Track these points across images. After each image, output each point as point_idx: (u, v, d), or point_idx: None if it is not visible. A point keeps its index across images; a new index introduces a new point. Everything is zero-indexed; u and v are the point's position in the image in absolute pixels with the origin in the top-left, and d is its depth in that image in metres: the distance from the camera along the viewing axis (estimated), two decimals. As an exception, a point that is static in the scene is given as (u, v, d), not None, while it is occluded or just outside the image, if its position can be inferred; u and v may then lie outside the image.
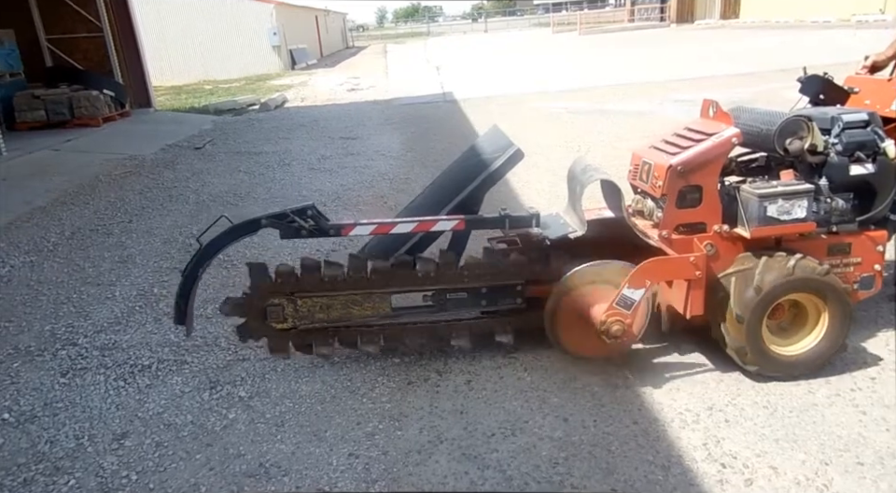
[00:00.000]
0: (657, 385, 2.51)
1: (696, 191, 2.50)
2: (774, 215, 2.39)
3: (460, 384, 2.62)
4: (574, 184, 2.72)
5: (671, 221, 2.53)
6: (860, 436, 2.14)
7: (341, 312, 2.68)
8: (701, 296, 2.46)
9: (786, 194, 2.39)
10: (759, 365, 2.45)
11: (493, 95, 11.68)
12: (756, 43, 17.94)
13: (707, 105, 2.66)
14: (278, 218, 2.56)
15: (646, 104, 9.32)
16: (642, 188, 2.67)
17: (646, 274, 2.41)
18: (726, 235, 2.50)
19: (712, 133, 2.49)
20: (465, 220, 2.68)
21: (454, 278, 2.68)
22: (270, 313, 2.65)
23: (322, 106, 12.15)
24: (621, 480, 2.02)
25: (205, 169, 7.14)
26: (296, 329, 2.69)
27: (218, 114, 11.82)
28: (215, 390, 2.67)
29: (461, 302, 2.73)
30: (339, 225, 2.63)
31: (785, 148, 2.51)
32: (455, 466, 2.14)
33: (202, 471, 2.18)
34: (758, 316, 2.37)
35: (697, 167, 2.46)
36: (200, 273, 2.58)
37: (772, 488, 1.94)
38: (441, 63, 20.63)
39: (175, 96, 15.64)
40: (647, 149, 2.69)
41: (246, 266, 2.71)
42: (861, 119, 2.54)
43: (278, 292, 2.64)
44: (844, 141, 2.52)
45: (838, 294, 2.40)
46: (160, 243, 4.65)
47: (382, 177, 6.26)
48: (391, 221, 2.69)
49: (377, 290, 2.68)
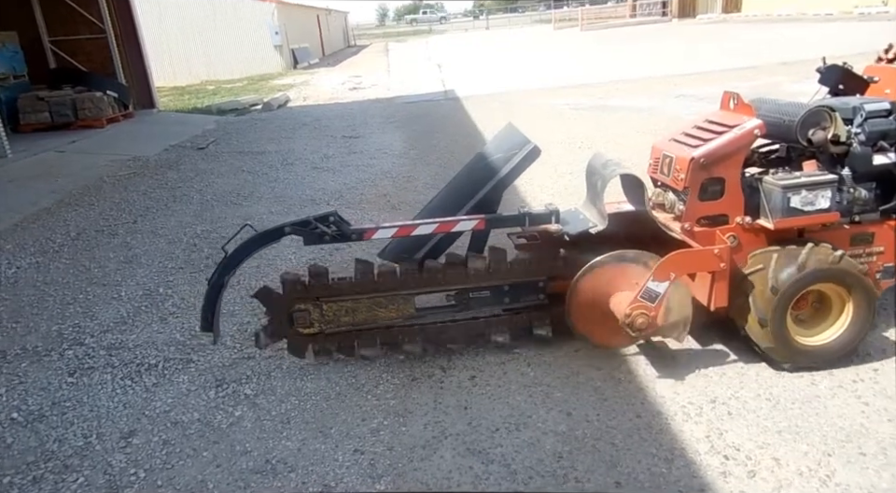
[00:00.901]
0: (660, 378, 2.52)
1: (719, 184, 2.50)
2: (797, 206, 2.40)
3: (464, 380, 2.63)
4: (595, 178, 2.71)
5: (693, 214, 2.54)
6: (862, 427, 2.15)
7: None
8: (725, 288, 2.46)
9: (809, 185, 2.39)
10: (791, 361, 2.46)
11: (495, 92, 11.68)
12: (758, 37, 17.88)
13: (727, 97, 2.66)
14: (302, 226, 2.59)
15: (649, 100, 9.30)
16: (663, 181, 2.67)
17: (671, 267, 2.40)
18: (748, 227, 2.50)
19: (734, 124, 2.49)
20: (485, 220, 2.69)
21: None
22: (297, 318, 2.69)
23: (324, 106, 12.17)
24: (624, 473, 2.04)
25: (209, 169, 7.17)
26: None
27: (221, 114, 11.85)
28: (221, 388, 2.70)
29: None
30: (361, 229, 2.65)
31: (808, 139, 2.50)
32: (460, 461, 2.15)
33: (209, 469, 2.20)
34: (780, 316, 2.37)
35: (720, 159, 2.46)
36: (226, 281, 2.61)
37: (774, 480, 1.95)
38: (443, 60, 20.62)
39: (178, 97, 15.68)
40: (667, 142, 2.69)
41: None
42: (884, 109, 2.54)
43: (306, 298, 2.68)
44: (867, 131, 2.51)
45: (859, 281, 2.40)
46: (164, 243, 4.68)
47: (385, 176, 6.27)
48: (412, 223, 2.71)
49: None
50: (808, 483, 1.93)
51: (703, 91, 9.42)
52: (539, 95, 10.75)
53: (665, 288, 2.39)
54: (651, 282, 2.39)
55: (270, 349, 2.88)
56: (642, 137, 6.67)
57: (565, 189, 5.22)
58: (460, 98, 11.44)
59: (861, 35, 14.86)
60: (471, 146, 7.33)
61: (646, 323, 2.40)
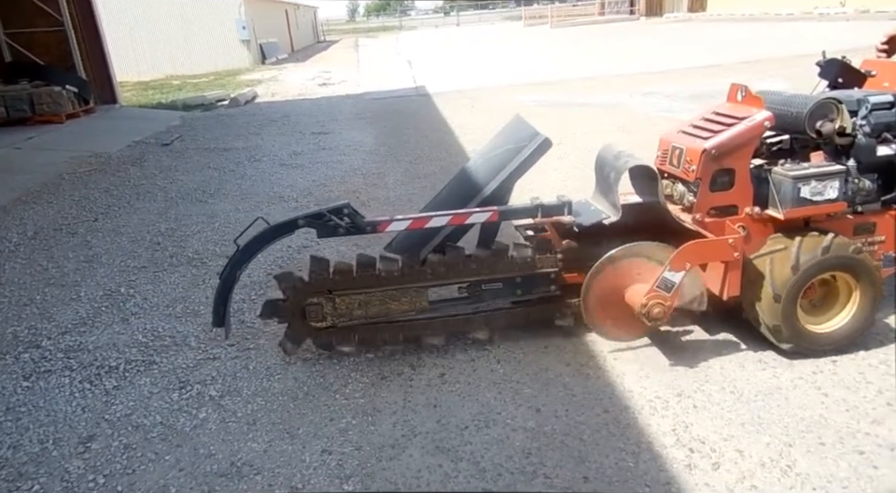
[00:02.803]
0: (628, 373, 2.55)
1: (729, 174, 2.54)
2: (807, 196, 2.45)
3: (433, 377, 2.62)
4: (607, 170, 2.70)
5: (704, 204, 2.57)
6: (821, 417, 2.20)
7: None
8: (738, 277, 2.49)
9: (819, 175, 2.45)
10: (793, 342, 2.51)
11: (465, 89, 11.68)
12: (723, 36, 18.24)
13: (735, 89, 2.70)
14: (315, 218, 2.56)
15: (616, 96, 9.41)
16: (672, 172, 2.69)
17: (687, 257, 2.42)
18: (757, 217, 2.55)
19: (743, 116, 2.53)
20: (498, 211, 2.69)
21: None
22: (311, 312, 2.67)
23: (293, 101, 12.01)
24: (592, 468, 2.05)
25: (174, 166, 7.01)
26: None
27: (187, 110, 11.59)
28: (184, 390, 2.63)
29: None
30: (375, 222, 2.63)
31: (817, 131, 2.55)
32: (429, 459, 2.14)
33: (171, 473, 2.14)
34: (794, 295, 2.43)
35: (731, 150, 2.50)
36: (238, 275, 2.57)
37: (738, 471, 1.98)
38: (414, 57, 20.53)
39: (141, 92, 15.30)
40: (676, 134, 2.72)
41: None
42: (887, 101, 2.60)
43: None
44: (871, 122, 2.56)
45: (870, 272, 2.48)
46: (127, 242, 4.55)
47: (355, 172, 6.22)
48: (426, 215, 2.70)
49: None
50: (770, 473, 1.97)
51: (669, 89, 9.57)
52: (508, 92, 10.78)
53: (680, 277, 2.42)
54: (667, 272, 2.41)
55: (236, 348, 2.82)
56: (610, 134, 6.74)
57: (541, 185, 5.23)
58: (430, 94, 11.41)
59: (822, 34, 15.28)
60: (441, 141, 7.32)
61: (662, 313, 2.43)
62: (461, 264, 2.72)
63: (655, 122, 7.35)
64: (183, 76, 19.86)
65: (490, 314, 2.80)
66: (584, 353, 2.72)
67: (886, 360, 2.50)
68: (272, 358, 2.84)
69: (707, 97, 8.63)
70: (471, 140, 7.22)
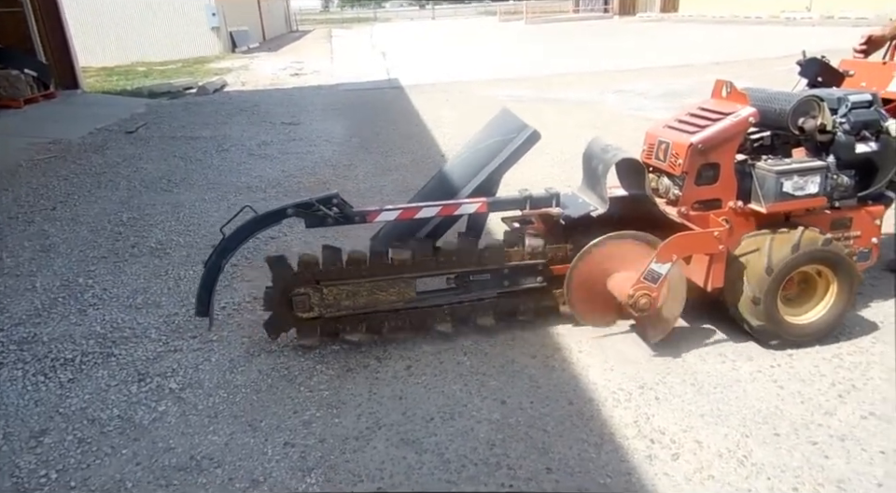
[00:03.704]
0: (593, 365, 2.57)
1: (714, 169, 2.58)
2: (789, 190, 2.52)
3: (400, 370, 2.61)
4: (595, 163, 2.72)
5: (690, 198, 2.61)
6: (777, 409, 2.25)
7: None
8: (722, 269, 2.54)
9: (801, 171, 2.52)
10: (779, 338, 2.57)
11: (438, 82, 11.63)
12: (693, 37, 18.52)
13: (720, 85, 2.74)
14: (304, 208, 2.53)
15: (588, 93, 9.48)
16: (658, 166, 2.72)
17: (673, 249, 2.46)
18: (740, 211, 2.61)
19: (728, 112, 2.57)
20: (487, 203, 2.70)
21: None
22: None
23: (264, 91, 11.80)
24: (555, 459, 2.06)
25: (138, 154, 6.83)
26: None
27: (153, 97, 11.30)
28: (144, 383, 2.57)
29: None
30: (364, 212, 2.62)
31: (800, 127, 2.61)
32: (393, 451, 2.13)
33: (128, 467, 2.09)
34: (772, 295, 2.49)
35: (717, 145, 2.54)
36: (223, 264, 2.52)
37: (696, 461, 2.02)
38: (387, 49, 20.38)
39: (105, 78, 14.85)
40: (662, 129, 2.75)
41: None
42: (866, 100, 2.67)
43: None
44: (851, 120, 2.63)
45: (845, 263, 2.55)
46: (86, 231, 4.42)
47: (325, 164, 6.14)
48: (416, 206, 2.69)
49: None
50: (727, 464, 2.01)
51: (640, 87, 9.68)
52: (482, 86, 10.77)
53: (667, 269, 2.46)
54: (653, 264, 2.45)
55: (198, 340, 2.76)
56: (583, 130, 6.79)
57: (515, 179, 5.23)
58: (404, 87, 11.34)
59: (787, 38, 15.65)
60: (413, 134, 7.29)
61: (648, 303, 2.47)
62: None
63: (626, 120, 7.44)
64: (150, 62, 19.33)
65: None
66: (550, 346, 2.74)
67: (838, 354, 2.58)
68: (235, 350, 2.79)
69: (677, 96, 8.76)
70: (444, 133, 7.20)
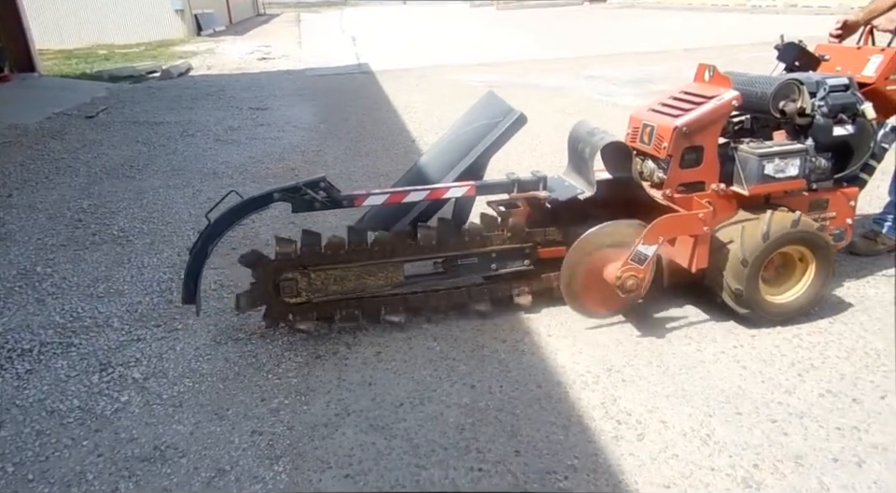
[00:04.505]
0: (562, 349, 2.60)
1: (698, 152, 2.61)
2: (770, 173, 2.56)
3: (369, 356, 2.59)
4: (582, 146, 2.72)
5: (674, 181, 2.63)
6: (739, 389, 2.31)
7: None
8: (706, 251, 2.57)
9: (782, 153, 2.57)
10: (751, 309, 2.62)
11: (410, 67, 11.52)
12: (663, 24, 18.69)
13: (702, 68, 2.76)
14: (291, 192, 2.49)
15: (560, 79, 9.50)
16: (643, 149, 2.73)
17: (660, 231, 2.48)
18: (722, 193, 2.64)
19: (712, 95, 2.60)
20: (475, 186, 2.69)
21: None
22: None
23: (230, 75, 11.53)
24: (524, 441, 2.08)
25: (98, 139, 6.62)
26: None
27: (114, 81, 10.94)
28: (105, 373, 2.50)
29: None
30: (351, 195, 2.60)
31: (781, 110, 2.65)
32: (362, 437, 2.12)
33: (89, 458, 2.04)
34: (760, 262, 2.53)
35: (701, 128, 2.56)
36: (209, 250, 2.47)
37: (661, 441, 2.06)
38: (358, 33, 20.09)
39: (64, 61, 14.32)
40: (646, 112, 2.77)
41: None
42: (843, 83, 2.72)
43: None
44: (829, 103, 2.68)
45: (827, 247, 2.62)
46: (44, 218, 4.27)
47: (293, 149, 6.04)
48: (404, 190, 2.66)
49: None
50: (691, 443, 2.05)
51: (611, 73, 9.74)
52: (454, 71, 10.70)
53: (653, 251, 2.48)
54: (640, 246, 2.47)
55: (163, 328, 2.70)
56: (555, 116, 6.81)
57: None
58: (374, 72, 11.20)
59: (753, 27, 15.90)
60: (384, 120, 7.21)
61: (636, 284, 2.49)
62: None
63: (597, 106, 7.48)
64: (111, 45, 18.70)
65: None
66: (520, 330, 2.75)
67: (798, 334, 2.65)
68: (201, 338, 2.74)
69: (646, 82, 8.84)
70: (414, 119, 7.14)
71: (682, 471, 1.93)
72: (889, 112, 2.92)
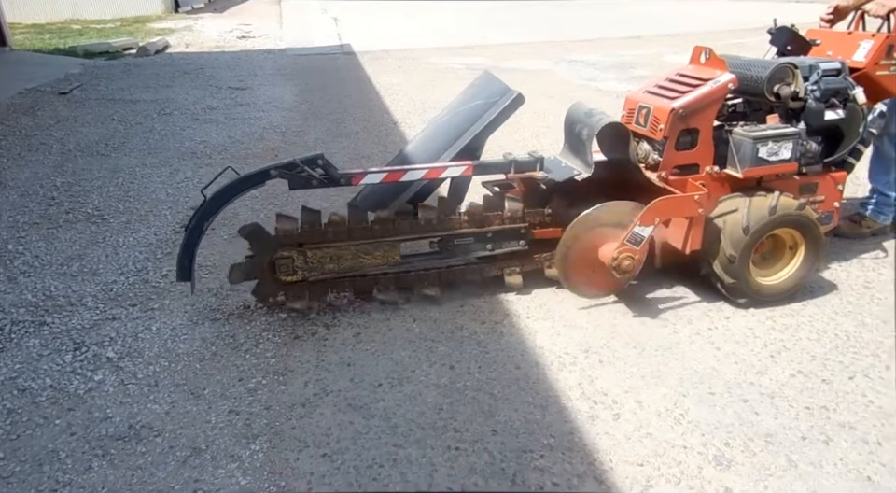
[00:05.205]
0: (541, 330, 2.62)
1: (693, 134, 2.62)
2: (764, 156, 2.59)
3: (348, 337, 2.59)
4: (579, 127, 2.71)
5: (670, 162, 2.64)
6: (713, 369, 2.35)
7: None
8: (700, 232, 2.59)
9: (776, 137, 2.59)
10: (748, 296, 2.67)
11: (392, 49, 11.38)
12: (643, 9, 18.67)
13: (698, 51, 2.78)
14: (288, 168, 2.46)
15: (541, 63, 9.46)
16: (638, 131, 2.74)
17: (656, 212, 2.49)
18: (716, 176, 2.66)
19: (708, 78, 2.61)
20: (473, 166, 2.68)
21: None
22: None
23: (209, 54, 11.28)
24: (501, 421, 2.10)
25: (72, 116, 6.45)
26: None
27: (89, 57, 10.64)
28: (79, 352, 2.47)
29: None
30: (349, 174, 2.57)
31: (776, 94, 2.67)
32: (340, 417, 2.12)
33: (61, 437, 2.01)
34: (746, 254, 2.56)
35: (697, 111, 2.58)
36: (205, 227, 2.45)
37: (636, 421, 2.09)
38: (340, 13, 19.79)
39: (36, 36, 13.90)
40: (642, 94, 2.77)
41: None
42: (835, 68, 2.74)
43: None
44: (822, 88, 2.70)
45: (814, 227, 2.65)
46: (16, 196, 4.17)
47: (273, 129, 5.95)
48: (402, 168, 2.65)
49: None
50: (665, 422, 2.09)
51: (592, 58, 9.72)
52: (435, 54, 10.61)
53: (649, 232, 2.49)
54: (637, 227, 2.48)
55: (138, 308, 2.66)
56: (536, 100, 6.79)
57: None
58: (356, 53, 11.05)
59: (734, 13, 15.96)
60: (366, 101, 7.13)
61: (632, 265, 2.51)
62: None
63: (579, 90, 7.47)
64: (85, 20, 18.18)
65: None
66: (500, 312, 2.76)
67: (772, 316, 2.69)
68: (177, 318, 2.71)
69: (628, 67, 8.84)
70: (396, 101, 7.08)
71: (656, 449, 1.97)
72: (878, 97, 2.96)
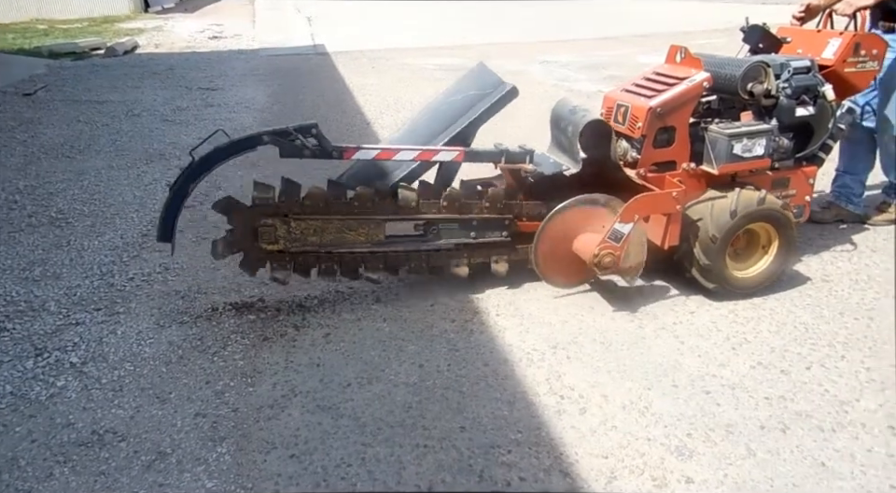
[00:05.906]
0: (510, 328, 2.64)
1: (670, 132, 2.67)
2: (738, 152, 2.64)
3: (318, 337, 2.58)
4: (564, 124, 2.75)
5: (648, 160, 2.68)
6: (676, 363, 2.40)
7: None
8: (678, 228, 2.65)
9: (750, 133, 2.66)
10: (719, 284, 2.72)
11: (366, 49, 11.34)
12: (615, 9, 18.90)
13: (674, 50, 2.84)
14: (280, 136, 2.44)
15: (513, 64, 9.51)
16: (617, 129, 2.77)
17: (636, 209, 2.53)
18: (692, 172, 2.71)
19: (684, 77, 2.66)
20: (465, 152, 2.70)
21: None
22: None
23: (179, 54, 11.12)
24: (469, 418, 2.12)
25: (36, 118, 6.31)
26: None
27: (55, 58, 10.42)
28: (41, 358, 2.42)
29: None
30: (342, 147, 2.57)
31: (750, 92, 2.72)
32: (309, 417, 2.12)
33: (22, 444, 1.98)
34: (727, 238, 2.62)
35: (674, 109, 2.62)
36: (190, 189, 2.42)
37: (602, 414, 2.13)
38: (314, 13, 19.65)
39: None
40: (620, 93, 2.82)
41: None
42: (805, 66, 2.81)
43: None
44: (793, 85, 2.76)
45: (789, 224, 2.73)
46: (-24, 200, 4.07)
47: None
48: (394, 147, 2.66)
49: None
50: (629, 415, 2.12)
51: (564, 58, 9.81)
52: (409, 54, 10.60)
53: (629, 229, 2.53)
54: (617, 224, 2.51)
55: (103, 312, 2.62)
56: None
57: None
58: (329, 53, 10.99)
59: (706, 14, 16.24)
60: (339, 101, 7.10)
61: (612, 262, 2.55)
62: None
63: (552, 91, 7.54)
64: (51, 20, 17.77)
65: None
66: (469, 310, 2.78)
67: (734, 310, 2.76)
68: (143, 321, 2.68)
69: (600, 68, 8.94)
70: (370, 101, 7.06)
71: (620, 441, 2.00)
72: (845, 93, 3.05)
